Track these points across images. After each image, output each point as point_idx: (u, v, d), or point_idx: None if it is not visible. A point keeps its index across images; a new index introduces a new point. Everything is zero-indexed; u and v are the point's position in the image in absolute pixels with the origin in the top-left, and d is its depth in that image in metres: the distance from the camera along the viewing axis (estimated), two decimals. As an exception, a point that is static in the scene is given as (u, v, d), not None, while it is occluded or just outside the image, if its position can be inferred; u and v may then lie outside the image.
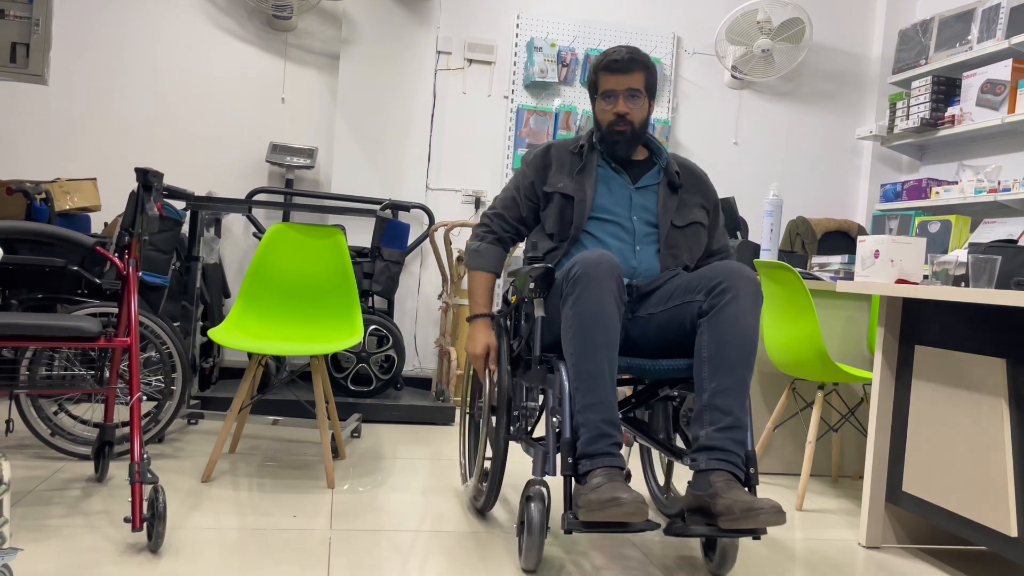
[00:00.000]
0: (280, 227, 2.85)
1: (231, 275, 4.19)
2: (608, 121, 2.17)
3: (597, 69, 2.18)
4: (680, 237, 2.18)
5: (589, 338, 1.80)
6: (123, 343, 2.06)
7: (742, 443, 1.81)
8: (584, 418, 1.78)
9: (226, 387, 3.71)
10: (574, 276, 1.84)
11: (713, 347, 1.84)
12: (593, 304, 1.80)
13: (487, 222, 2.28)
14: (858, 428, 3.13)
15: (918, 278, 2.29)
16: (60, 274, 2.77)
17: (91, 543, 1.88)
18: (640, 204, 2.19)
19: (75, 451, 2.60)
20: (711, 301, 1.88)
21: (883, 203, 4.40)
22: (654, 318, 2.02)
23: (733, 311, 1.84)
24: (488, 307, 2.23)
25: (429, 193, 4.34)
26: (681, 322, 1.96)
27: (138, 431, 1.95)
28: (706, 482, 1.76)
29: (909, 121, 4.14)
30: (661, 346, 2.02)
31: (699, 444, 1.81)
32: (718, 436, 1.79)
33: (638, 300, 2.06)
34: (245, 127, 4.26)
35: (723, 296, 1.86)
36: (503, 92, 4.39)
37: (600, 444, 1.75)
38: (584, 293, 1.82)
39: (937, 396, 2.13)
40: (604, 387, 1.79)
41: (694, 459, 1.81)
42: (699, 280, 1.94)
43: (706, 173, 2.33)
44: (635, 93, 2.15)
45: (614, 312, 1.82)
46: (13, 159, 4.03)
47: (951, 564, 2.22)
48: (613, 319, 1.82)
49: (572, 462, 1.76)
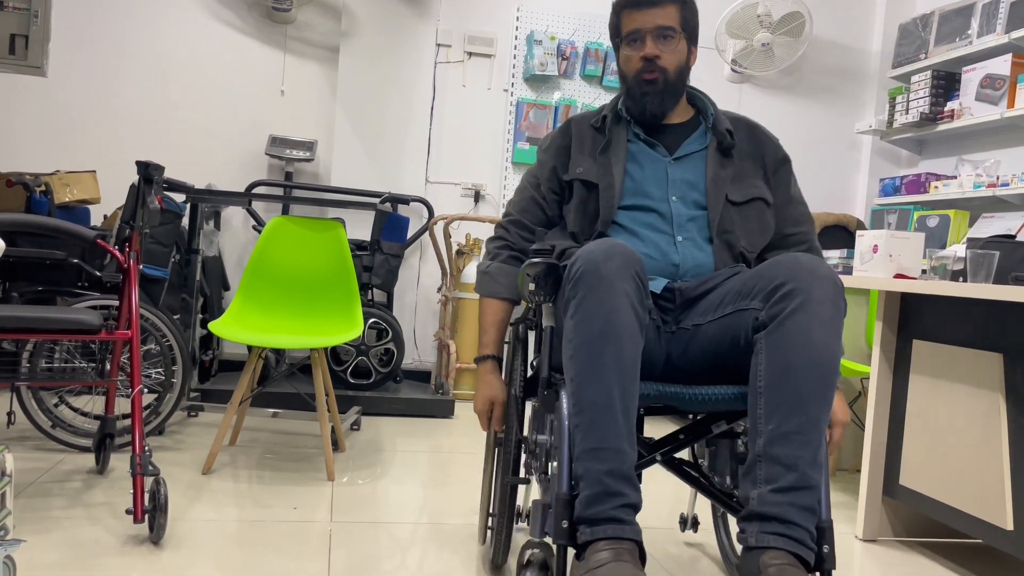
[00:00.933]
0: (280, 220, 2.85)
1: (231, 268, 4.19)
2: (635, 70, 1.71)
3: (619, 7, 1.74)
4: (737, 217, 1.69)
5: (594, 358, 1.36)
6: (124, 336, 2.07)
7: (810, 510, 1.32)
8: (584, 467, 1.34)
9: (226, 379, 3.71)
10: (575, 276, 1.42)
11: (773, 373, 1.37)
12: (600, 313, 1.37)
13: (502, 233, 1.82)
14: (856, 422, 3.14)
15: (916, 273, 2.30)
16: (60, 267, 2.78)
17: (93, 535, 1.90)
18: (680, 179, 1.71)
19: (76, 443, 2.61)
20: (771, 310, 1.40)
21: (882, 197, 4.40)
22: (701, 332, 1.56)
23: (802, 324, 1.36)
24: (498, 347, 1.78)
25: (429, 186, 4.34)
26: (735, 337, 1.50)
27: (139, 423, 1.95)
28: (756, 564, 1.29)
29: (908, 115, 4.14)
30: (710, 369, 1.56)
31: (750, 510, 1.34)
32: (775, 500, 1.31)
33: (682, 308, 1.60)
34: (244, 120, 4.25)
35: (788, 302, 1.38)
36: (503, 85, 4.39)
37: (604, 506, 1.31)
38: (588, 298, 1.39)
39: (934, 390, 2.14)
40: (612, 425, 1.34)
41: (742, 530, 1.34)
42: (757, 280, 1.47)
43: (768, 130, 1.82)
44: (667, 32, 1.69)
45: (631, 322, 1.38)
46: (12, 151, 4.03)
47: (948, 557, 2.23)
48: (630, 332, 1.38)
49: (568, 527, 1.33)
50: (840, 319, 1.40)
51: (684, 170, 1.73)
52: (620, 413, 1.35)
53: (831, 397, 1.37)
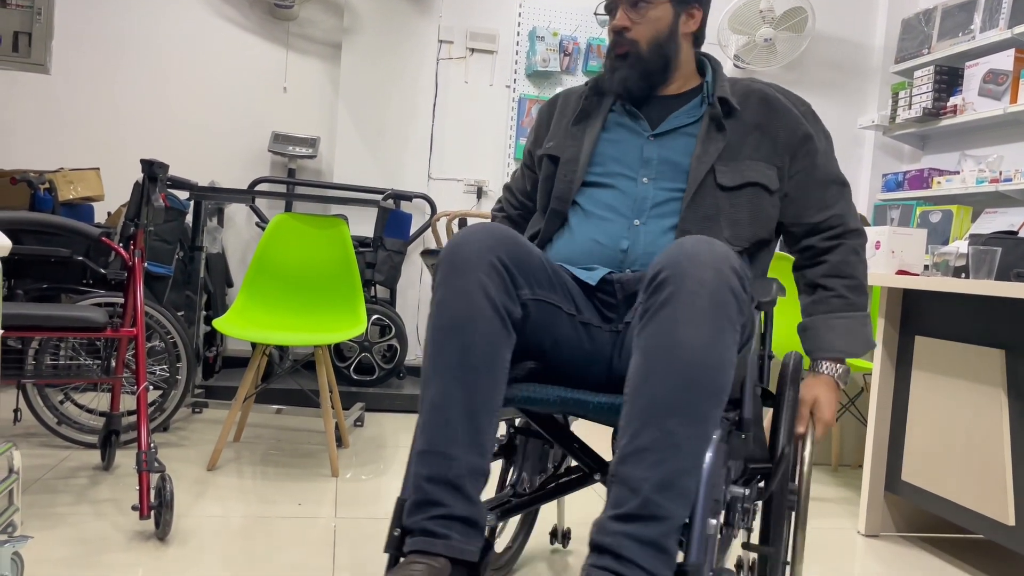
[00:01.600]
0: (283, 217, 2.86)
1: (234, 265, 4.20)
2: (609, 44, 1.57)
3: None
4: (725, 204, 1.45)
5: (436, 355, 1.23)
6: (129, 333, 2.08)
7: (655, 546, 1.08)
8: (412, 471, 1.22)
9: (229, 376, 3.73)
10: (438, 263, 1.29)
11: (635, 379, 1.16)
12: (447, 304, 1.23)
13: (501, 197, 1.76)
14: (858, 417, 3.15)
15: (919, 269, 2.30)
16: (65, 264, 2.79)
17: (99, 531, 1.91)
18: (658, 158, 1.50)
19: (81, 440, 2.62)
20: (645, 303, 1.20)
21: (885, 193, 4.40)
22: (630, 330, 1.29)
23: (667, 320, 1.14)
24: None
25: (431, 183, 4.34)
26: None
27: (145, 420, 1.97)
28: None
29: (911, 110, 4.14)
30: None
31: (591, 536, 1.13)
32: (612, 528, 1.10)
33: (626, 304, 1.40)
34: (247, 116, 4.26)
35: (659, 294, 1.17)
36: (505, 81, 4.39)
37: (419, 515, 1.18)
38: (439, 289, 1.25)
39: (936, 386, 2.15)
40: (443, 428, 1.20)
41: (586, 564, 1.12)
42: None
43: (790, 101, 1.53)
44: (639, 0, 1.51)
45: (484, 314, 1.22)
46: (16, 148, 4.04)
47: (949, 552, 2.24)
48: (481, 326, 1.22)
49: (398, 535, 1.20)
50: (723, 312, 1.14)
51: (665, 147, 1.51)
52: (457, 415, 1.20)
53: (703, 407, 1.12)
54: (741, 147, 1.48)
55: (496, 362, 1.23)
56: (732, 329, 1.16)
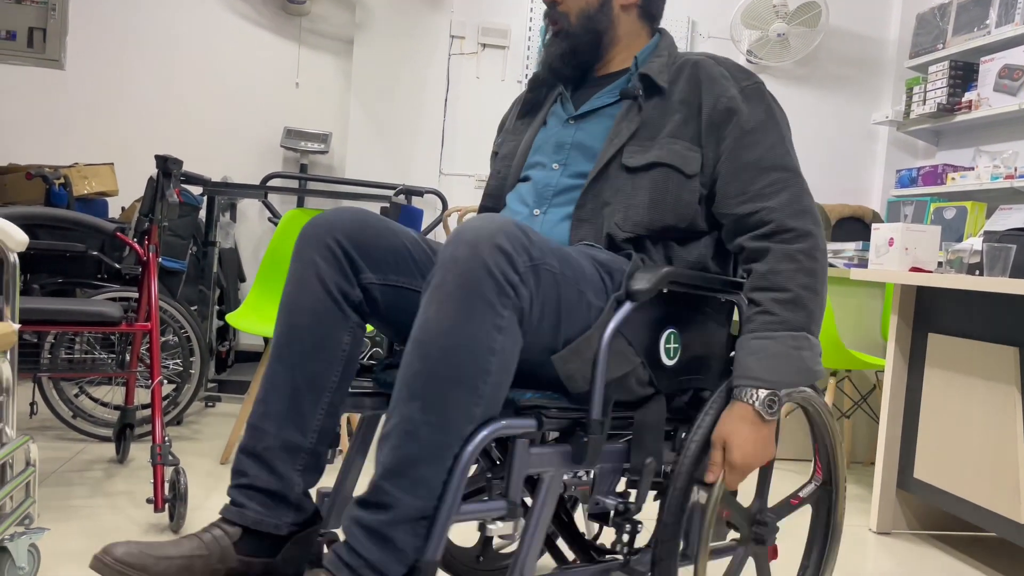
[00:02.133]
0: (296, 213, 2.87)
1: (246, 260, 4.22)
2: (544, 23, 1.48)
3: None
4: (628, 187, 1.33)
5: (274, 334, 1.26)
6: (144, 328, 2.09)
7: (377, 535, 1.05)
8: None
9: (242, 370, 3.75)
10: None
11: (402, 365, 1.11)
12: (287, 286, 1.25)
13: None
14: (870, 415, 3.14)
15: (932, 266, 2.29)
16: (80, 259, 2.81)
17: (114, 523, 1.93)
18: (573, 142, 1.41)
19: (96, 433, 2.65)
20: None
21: (898, 189, 4.38)
22: None
23: (423, 303, 1.10)
24: None
25: (442, 178, 4.35)
26: None
27: (159, 414, 1.98)
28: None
29: (926, 106, 4.11)
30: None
31: None
32: (348, 513, 1.09)
33: None
34: (259, 112, 4.28)
35: (430, 279, 1.11)
36: (517, 77, 4.39)
37: (230, 484, 1.25)
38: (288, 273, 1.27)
39: (950, 383, 2.14)
40: (263, 403, 1.24)
41: None
42: None
43: (730, 74, 1.35)
44: None
45: (315, 293, 1.22)
46: (31, 144, 4.07)
47: (961, 550, 2.23)
48: (311, 304, 1.22)
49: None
50: (475, 292, 1.05)
51: (581, 131, 1.41)
52: (277, 393, 1.22)
53: (443, 393, 1.05)
54: (662, 126, 1.34)
55: (326, 343, 1.23)
56: (489, 310, 1.05)
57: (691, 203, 1.32)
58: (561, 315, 1.15)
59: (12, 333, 1.46)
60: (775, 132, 1.32)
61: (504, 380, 1.10)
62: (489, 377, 1.07)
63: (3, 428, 1.49)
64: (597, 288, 1.21)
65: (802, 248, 1.25)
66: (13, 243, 1.46)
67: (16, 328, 1.48)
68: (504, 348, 1.07)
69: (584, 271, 1.20)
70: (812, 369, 1.25)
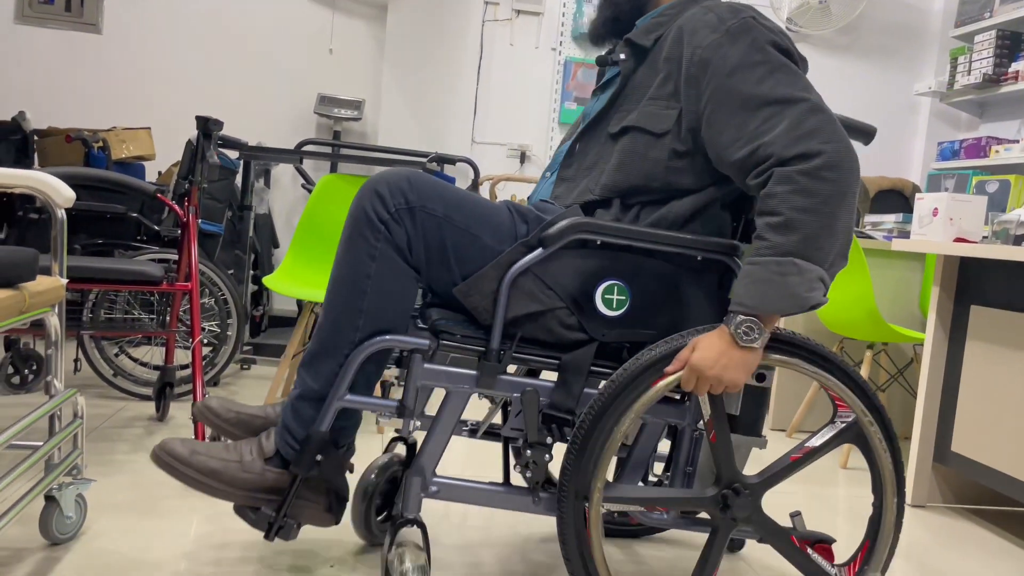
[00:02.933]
0: (331, 178, 2.88)
1: (279, 227, 4.25)
2: None
3: None
4: (607, 152, 1.40)
5: None
6: (184, 287, 2.12)
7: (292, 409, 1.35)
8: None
9: (275, 335, 3.79)
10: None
11: None
12: None
13: None
14: (907, 389, 3.10)
15: (977, 237, 2.25)
16: (120, 221, 2.85)
17: (157, 478, 1.97)
18: (588, 112, 1.50)
19: (136, 391, 2.70)
20: None
21: (939, 162, 4.29)
22: None
23: None
24: None
25: (474, 146, 4.33)
26: None
27: (200, 372, 2.01)
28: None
29: (970, 77, 4.01)
30: None
31: None
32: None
33: None
34: (293, 78, 4.28)
35: None
36: (551, 44, 4.34)
37: None
38: None
39: (991, 356, 2.11)
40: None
41: None
42: None
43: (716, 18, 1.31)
44: None
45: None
46: (70, 107, 4.11)
47: (998, 524, 2.21)
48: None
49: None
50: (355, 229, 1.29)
51: (598, 101, 1.47)
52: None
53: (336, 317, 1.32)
54: (647, 88, 1.37)
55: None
56: (363, 242, 1.28)
57: (659, 161, 1.34)
58: (449, 254, 1.30)
59: (60, 287, 1.49)
60: (762, 66, 1.26)
61: (384, 300, 1.30)
62: (365, 296, 1.29)
63: (52, 380, 1.52)
64: (502, 234, 1.32)
65: (803, 168, 1.19)
66: (61, 199, 1.48)
67: (64, 283, 1.51)
68: (379, 273, 1.29)
69: (484, 218, 1.32)
70: (800, 295, 1.18)
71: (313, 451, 1.32)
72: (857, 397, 1.32)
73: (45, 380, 1.52)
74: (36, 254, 1.36)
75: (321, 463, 1.32)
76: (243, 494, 1.33)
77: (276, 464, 1.35)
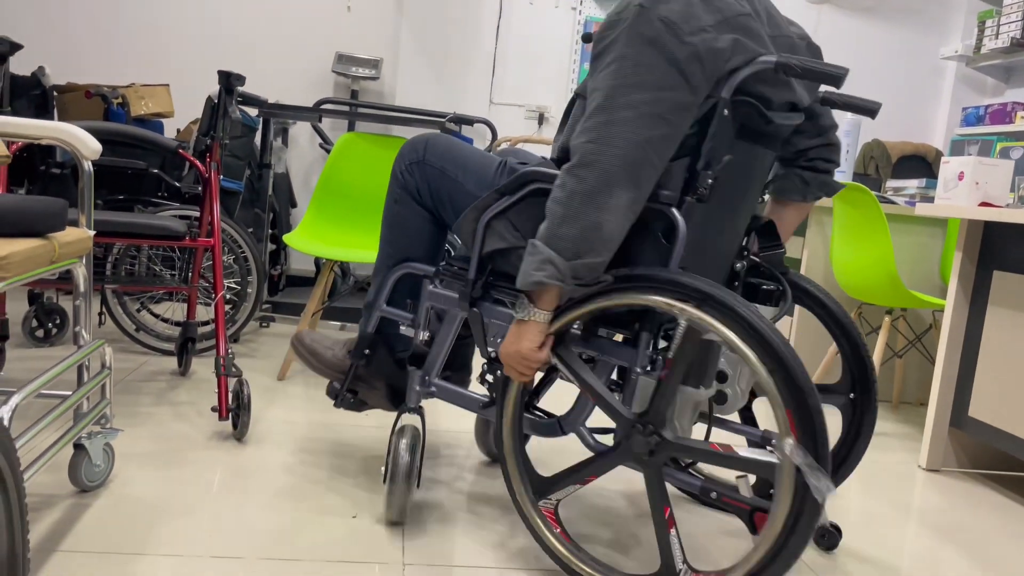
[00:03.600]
0: (350, 137, 2.87)
1: (297, 186, 4.25)
2: None
3: None
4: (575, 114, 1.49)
5: None
6: (207, 243, 2.13)
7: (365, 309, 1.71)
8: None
9: (293, 294, 3.82)
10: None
11: None
12: None
13: None
14: (924, 354, 3.10)
15: (1003, 202, 2.22)
16: (141, 176, 2.86)
17: (180, 430, 2.00)
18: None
19: (158, 347, 2.73)
20: None
21: (964, 127, 4.23)
22: None
23: None
24: None
25: (492, 107, 4.30)
26: None
27: (222, 327, 2.04)
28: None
29: (998, 40, 3.93)
30: None
31: None
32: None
33: None
34: (311, 36, 4.25)
35: None
36: (571, 3, 4.28)
37: None
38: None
39: (1013, 321, 2.10)
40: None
41: None
42: None
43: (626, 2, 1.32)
44: None
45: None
46: (89, 63, 4.11)
47: (1012, 488, 2.22)
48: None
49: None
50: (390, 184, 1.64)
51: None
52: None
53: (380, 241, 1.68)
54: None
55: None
56: (392, 191, 1.64)
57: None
58: (444, 198, 1.59)
59: (88, 239, 1.50)
60: (611, 54, 1.29)
61: (405, 235, 1.64)
62: (391, 230, 1.65)
63: (80, 331, 1.55)
64: (485, 183, 1.54)
65: (567, 165, 1.30)
66: (88, 151, 1.48)
67: (91, 234, 1.52)
68: (401, 213, 1.64)
69: (471, 170, 1.56)
70: (528, 272, 1.30)
71: (363, 345, 1.68)
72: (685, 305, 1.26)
73: (73, 331, 1.54)
74: (66, 204, 1.37)
75: (368, 356, 1.68)
76: (327, 371, 1.73)
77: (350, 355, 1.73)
